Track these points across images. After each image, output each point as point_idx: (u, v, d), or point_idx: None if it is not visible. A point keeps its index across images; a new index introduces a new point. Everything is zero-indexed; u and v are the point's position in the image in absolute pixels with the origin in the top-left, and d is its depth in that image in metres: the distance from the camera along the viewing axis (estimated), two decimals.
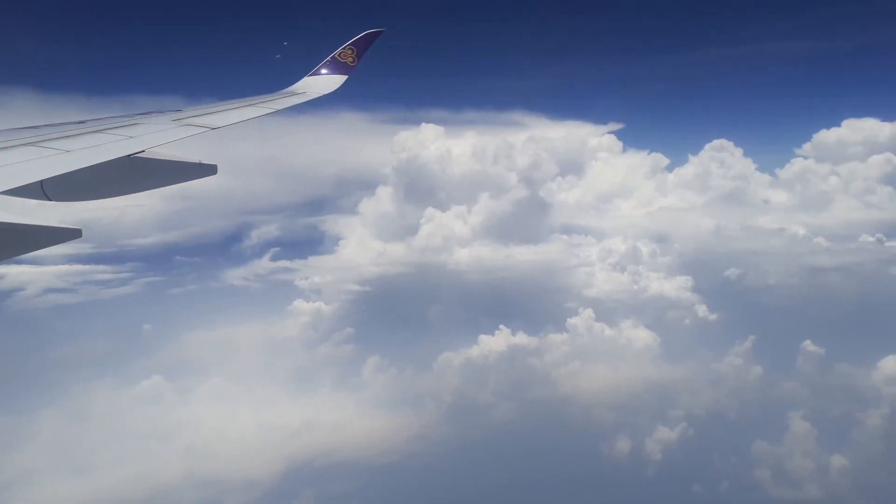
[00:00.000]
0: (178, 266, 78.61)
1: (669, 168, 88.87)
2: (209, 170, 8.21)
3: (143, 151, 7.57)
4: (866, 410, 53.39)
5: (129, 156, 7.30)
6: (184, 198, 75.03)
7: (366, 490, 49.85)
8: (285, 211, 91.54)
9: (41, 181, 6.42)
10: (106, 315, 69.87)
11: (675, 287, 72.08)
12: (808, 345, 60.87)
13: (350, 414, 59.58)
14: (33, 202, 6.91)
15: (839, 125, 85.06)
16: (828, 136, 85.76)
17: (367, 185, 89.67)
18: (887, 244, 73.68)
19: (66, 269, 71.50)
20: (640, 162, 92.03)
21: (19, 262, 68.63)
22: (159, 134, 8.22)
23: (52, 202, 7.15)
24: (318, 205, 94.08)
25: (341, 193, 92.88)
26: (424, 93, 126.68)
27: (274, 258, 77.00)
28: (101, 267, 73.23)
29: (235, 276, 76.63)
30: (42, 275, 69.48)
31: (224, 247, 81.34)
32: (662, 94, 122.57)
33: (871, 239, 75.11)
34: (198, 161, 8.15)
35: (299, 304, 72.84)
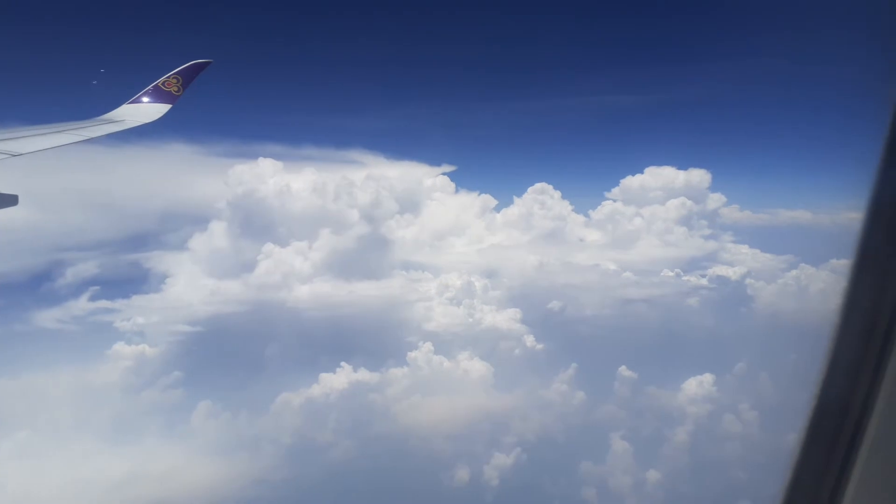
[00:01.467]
0: None
1: (497, 208, 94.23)
2: (9, 200, 7.70)
3: None
4: (674, 428, 59.77)
5: None
6: None
7: None
8: (104, 247, 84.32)
9: None
10: None
11: (505, 319, 76.18)
12: (623, 370, 67.05)
13: (180, 462, 56.00)
14: None
15: (643, 172, 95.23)
16: (633, 182, 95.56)
17: (198, 220, 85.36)
18: (684, 278, 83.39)
19: None
20: (471, 202, 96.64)
21: None
22: None
23: None
24: (142, 241, 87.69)
25: (168, 229, 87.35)
26: (261, 127, 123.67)
27: (93, 298, 70.85)
28: None
29: (47, 317, 69.40)
30: None
31: (32, 286, 73.36)
32: (490, 139, 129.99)
33: (671, 273, 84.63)
34: None
35: (120, 347, 67.64)
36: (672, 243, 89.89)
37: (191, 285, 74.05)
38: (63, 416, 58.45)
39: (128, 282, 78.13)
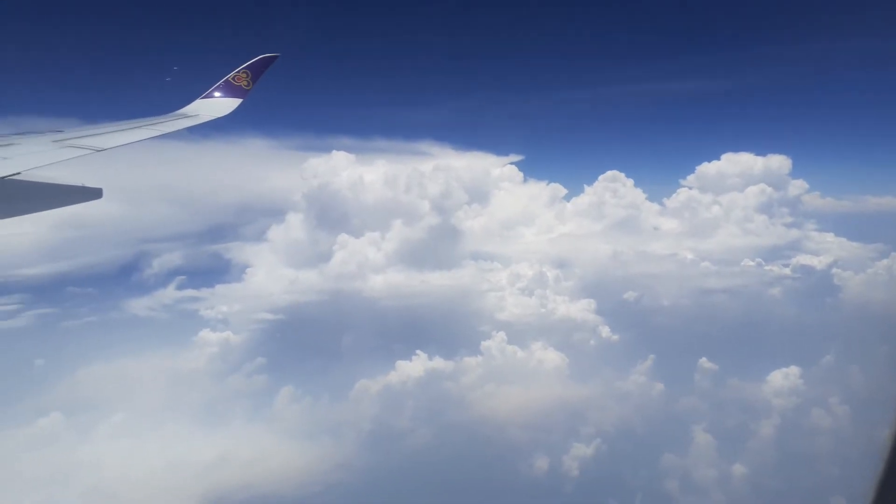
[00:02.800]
0: (71, 297, 73.61)
1: (567, 197, 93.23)
2: (93, 193, 7.78)
3: (19, 174, 7.27)
4: (759, 421, 58.00)
5: (1, 178, 7.04)
6: (75, 225, 70.62)
7: None
8: (187, 239, 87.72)
9: None
10: None
11: (579, 310, 75.42)
12: (704, 362, 65.42)
13: (266, 446, 57.80)
14: None
15: (719, 158, 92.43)
16: (709, 169, 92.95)
17: (275, 212, 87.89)
18: (766, 267, 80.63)
19: None
20: (540, 191, 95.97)
21: None
22: (37, 155, 7.94)
23: None
24: (223, 232, 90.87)
25: (247, 220, 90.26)
26: (333, 120, 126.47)
27: (179, 287, 73.78)
28: None
29: (138, 306, 72.75)
30: None
31: (122, 276, 77.01)
32: (559, 128, 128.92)
33: (752, 263, 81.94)
34: (80, 184, 7.75)
35: (206, 334, 70.21)
36: (752, 232, 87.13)
37: (270, 275, 76.31)
38: (155, 399, 61.13)
39: (211, 272, 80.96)
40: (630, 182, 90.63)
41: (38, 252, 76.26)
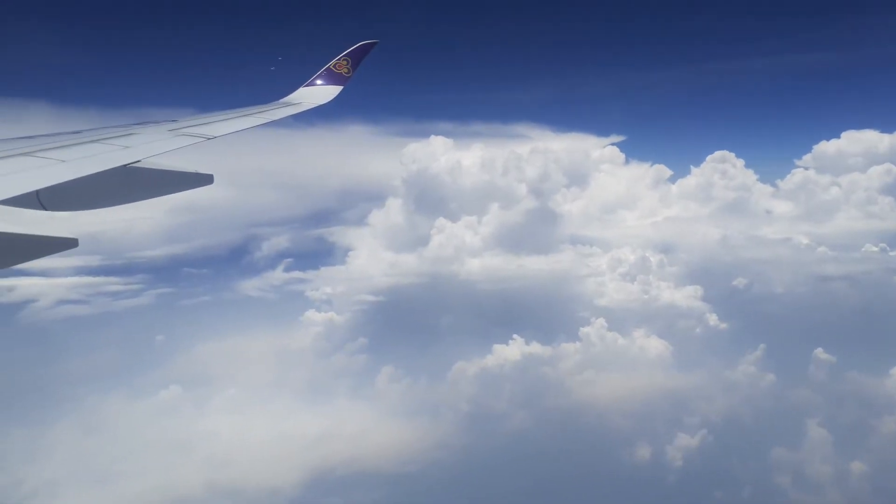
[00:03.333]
0: (187, 278, 78.49)
1: (672, 179, 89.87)
2: (205, 179, 8.21)
3: (139, 161, 7.60)
4: (881, 417, 54.12)
5: (124, 165, 7.32)
6: (189, 210, 74.89)
7: (390, 499, 49.79)
8: (291, 223, 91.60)
9: (37, 191, 6.46)
10: (119, 326, 69.63)
11: (684, 296, 72.81)
12: (820, 353, 61.63)
13: (367, 423, 59.54)
14: (30, 212, 6.86)
15: (839, 137, 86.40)
16: (828, 148, 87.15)
17: (375, 196, 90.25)
18: (891, 253, 74.81)
19: (77, 280, 71.15)
20: (643, 173, 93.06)
21: (30, 275, 68.15)
22: (155, 144, 8.31)
23: (49, 212, 7.15)
24: (325, 217, 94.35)
25: (348, 205, 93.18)
26: (432, 105, 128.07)
27: (287, 269, 76.97)
28: (112, 279, 72.97)
29: (248, 286, 76.57)
30: (53, 287, 69.08)
31: (232, 259, 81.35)
32: (663, 107, 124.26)
33: (875, 248, 76.23)
34: (193, 171, 8.16)
35: (311, 314, 72.85)
36: (875, 215, 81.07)
37: (372, 258, 78.24)
38: (265, 375, 64.22)
39: (316, 254, 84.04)
40: (740, 163, 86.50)
41: (157, 236, 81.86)
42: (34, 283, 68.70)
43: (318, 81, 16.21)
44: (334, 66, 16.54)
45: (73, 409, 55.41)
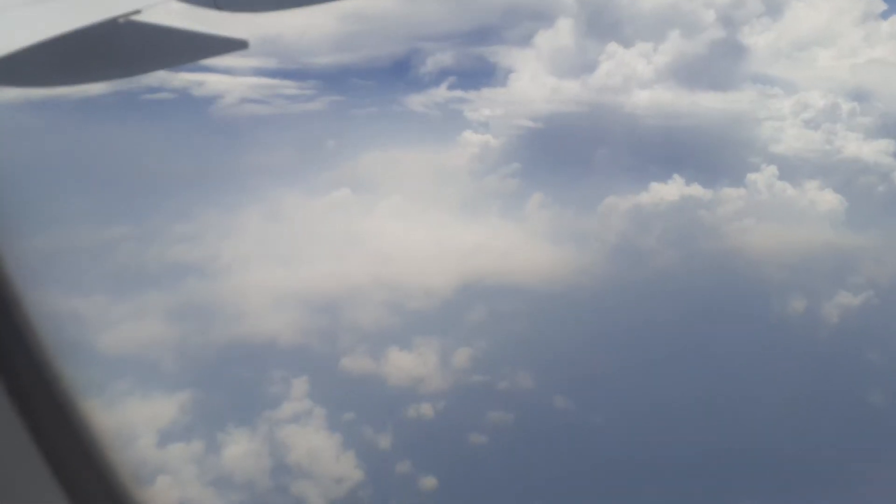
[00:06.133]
0: (355, 88, 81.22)
1: (885, 15, 77.79)
2: None
3: None
4: None
5: None
6: (357, 19, 75.44)
7: (535, 313, 52.99)
8: (456, 38, 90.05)
9: None
10: (294, 128, 74.59)
11: (873, 150, 66.14)
12: None
13: (515, 243, 62.05)
14: (206, 12, 6.85)
15: None
16: None
17: (545, 15, 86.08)
18: None
19: (257, 81, 75.66)
20: (851, 5, 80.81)
21: (216, 71, 72.99)
22: None
23: (224, 13, 7.12)
24: (490, 34, 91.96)
25: (515, 23, 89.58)
26: None
27: (450, 87, 77.28)
28: (287, 82, 76.73)
29: (412, 101, 78.24)
30: (237, 84, 74.09)
31: (397, 72, 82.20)
32: None
33: None
34: None
35: (468, 135, 73.74)
36: None
37: (534, 82, 76.34)
38: (423, 188, 67.33)
39: (478, 73, 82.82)
40: None
41: (328, 43, 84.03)
42: (220, 80, 73.97)
43: None
44: None
45: (256, 198, 61.76)
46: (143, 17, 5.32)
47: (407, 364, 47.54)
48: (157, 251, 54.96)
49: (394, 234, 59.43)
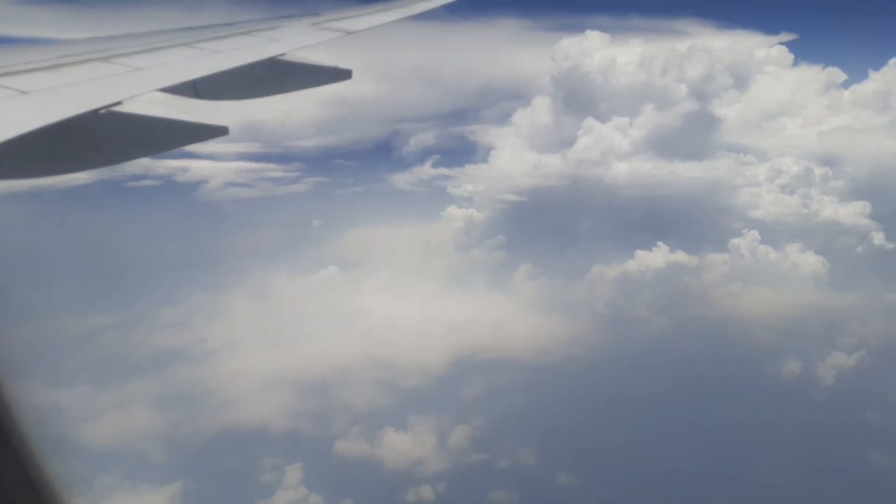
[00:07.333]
0: (339, 168, 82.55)
1: (846, 84, 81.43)
2: (344, 74, 8.27)
3: (285, 54, 7.78)
4: None
5: (271, 58, 7.57)
6: (339, 103, 77.46)
7: (530, 386, 52.24)
8: (437, 119, 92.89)
9: (193, 80, 6.79)
10: (280, 210, 75.05)
11: (849, 213, 67.90)
12: None
13: (506, 315, 61.74)
14: (188, 101, 7.24)
15: None
16: None
17: (522, 95, 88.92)
18: None
19: (241, 165, 76.67)
20: (813, 77, 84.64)
21: (200, 157, 73.93)
22: (299, 37, 8.51)
23: (206, 101, 7.47)
24: (470, 114, 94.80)
25: (494, 103, 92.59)
26: None
27: (434, 165, 78.76)
28: (271, 165, 78.05)
29: (396, 180, 79.44)
30: (221, 170, 74.97)
31: (379, 152, 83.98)
32: (844, 2, 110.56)
33: None
34: (334, 65, 8.24)
35: (452, 210, 74.63)
36: None
37: (514, 157, 78.14)
38: (410, 262, 67.40)
39: (459, 151, 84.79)
40: None
41: (311, 127, 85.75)
42: (204, 166, 74.89)
43: None
44: None
45: (243, 280, 61.38)
46: (125, 108, 5.41)
47: (404, 445, 46.22)
48: (143, 337, 53.96)
49: (383, 310, 59.04)
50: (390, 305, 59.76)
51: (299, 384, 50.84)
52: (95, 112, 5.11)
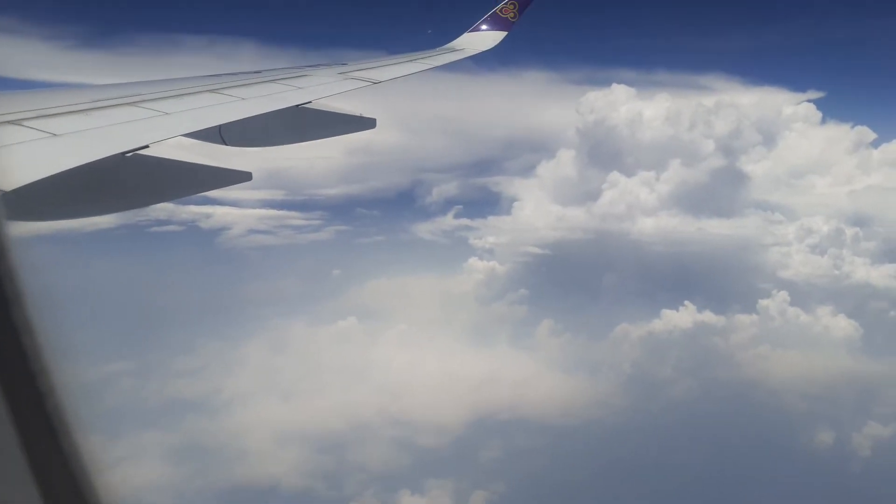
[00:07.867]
0: (361, 217, 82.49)
1: (876, 143, 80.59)
2: (368, 123, 8.36)
3: (310, 102, 7.85)
4: None
5: (297, 105, 7.61)
6: (364, 152, 77.96)
7: (551, 449, 50.37)
8: (460, 169, 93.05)
9: (219, 126, 6.85)
10: (301, 258, 74.89)
11: (881, 275, 66.29)
12: None
13: (528, 372, 60.17)
14: (214, 146, 7.34)
15: None
16: None
17: (547, 147, 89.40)
18: None
19: (264, 213, 76.93)
20: (841, 135, 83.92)
21: (223, 203, 74.40)
22: (325, 86, 8.59)
23: (229, 147, 7.54)
24: (493, 165, 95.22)
25: (518, 154, 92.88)
26: (615, 51, 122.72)
27: (456, 216, 78.54)
28: (294, 213, 78.16)
29: (418, 230, 79.22)
30: (244, 216, 75.24)
31: (402, 202, 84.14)
32: (872, 60, 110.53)
33: None
34: (358, 114, 8.33)
35: (474, 262, 73.95)
36: None
37: (538, 210, 77.74)
38: (430, 315, 66.34)
39: (482, 203, 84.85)
40: None
41: (335, 175, 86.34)
42: (228, 212, 75.27)
43: (483, 27, 16.05)
44: (500, 11, 16.22)
45: (262, 329, 60.61)
46: (151, 152, 5.52)
47: None
48: (158, 387, 53.07)
49: (401, 364, 57.83)
50: (409, 359, 58.59)
51: (314, 440, 49.43)
52: (122, 155, 5.17)
